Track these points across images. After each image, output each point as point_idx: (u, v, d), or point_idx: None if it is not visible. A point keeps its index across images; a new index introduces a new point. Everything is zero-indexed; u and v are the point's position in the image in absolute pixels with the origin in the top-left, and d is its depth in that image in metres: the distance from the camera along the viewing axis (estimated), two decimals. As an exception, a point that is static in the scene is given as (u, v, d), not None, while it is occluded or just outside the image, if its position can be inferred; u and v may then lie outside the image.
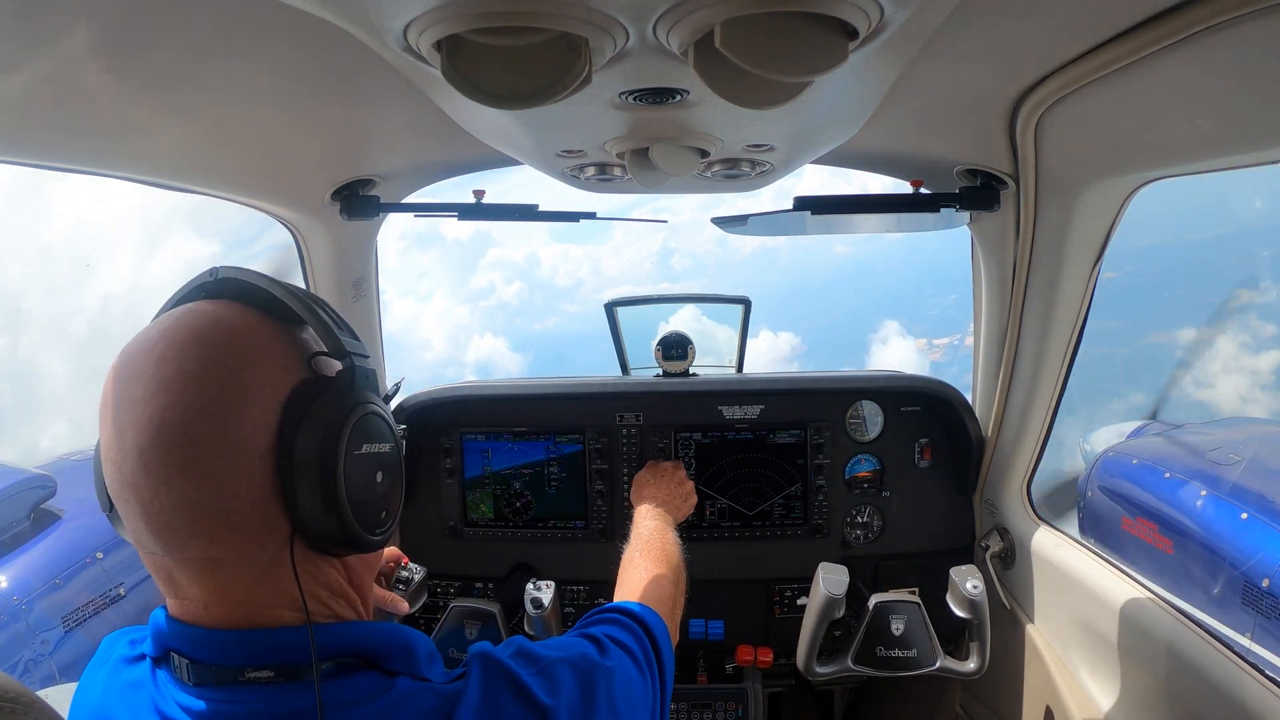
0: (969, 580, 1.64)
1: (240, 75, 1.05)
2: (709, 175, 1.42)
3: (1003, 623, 1.87)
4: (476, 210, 1.69)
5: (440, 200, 1.76)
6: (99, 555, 4.10)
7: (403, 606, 1.29)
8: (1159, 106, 1.05)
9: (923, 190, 1.60)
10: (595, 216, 1.76)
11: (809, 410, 2.09)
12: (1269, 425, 4.99)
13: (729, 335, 2.71)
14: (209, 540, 0.65)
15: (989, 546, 1.93)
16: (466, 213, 1.70)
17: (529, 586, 1.68)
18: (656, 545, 1.38)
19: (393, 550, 1.41)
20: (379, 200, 1.70)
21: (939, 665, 1.66)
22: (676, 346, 2.13)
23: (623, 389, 2.13)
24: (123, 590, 4.13)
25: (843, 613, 1.65)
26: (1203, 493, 3.46)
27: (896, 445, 2.09)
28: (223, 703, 0.67)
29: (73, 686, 0.81)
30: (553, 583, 1.70)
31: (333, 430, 0.68)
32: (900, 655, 1.66)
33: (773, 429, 2.09)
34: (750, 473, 2.09)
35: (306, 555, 0.70)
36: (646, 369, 2.52)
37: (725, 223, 2.10)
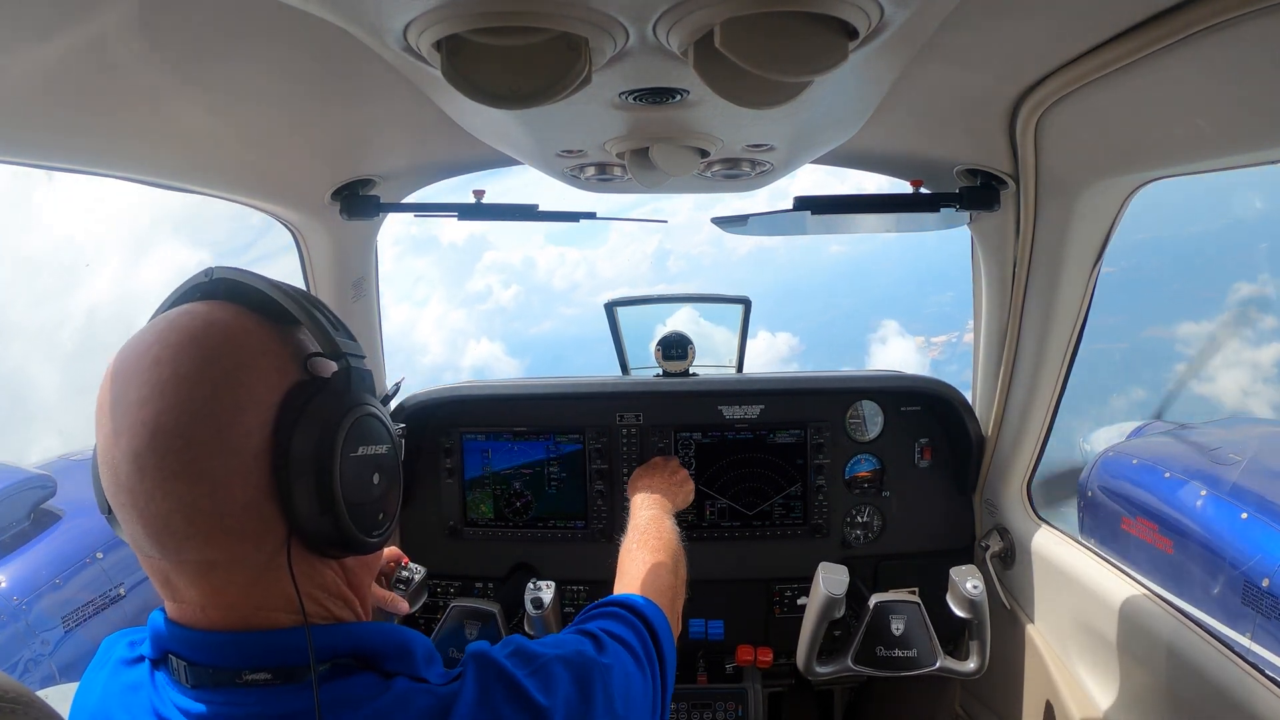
0: (969, 580, 1.64)
1: (240, 75, 1.05)
2: (709, 175, 1.42)
3: (1003, 623, 1.87)
4: (476, 210, 1.69)
5: (440, 200, 1.76)
6: (99, 555, 4.10)
7: (402, 606, 1.29)
8: (1159, 106, 1.05)
9: (923, 190, 1.60)
10: (595, 216, 1.76)
11: (809, 410, 2.09)
12: (1269, 425, 5.00)
13: (728, 336, 2.70)
14: (205, 542, 0.65)
15: (989, 546, 1.93)
16: (466, 213, 1.70)
17: (529, 586, 1.69)
18: (654, 533, 1.36)
19: (393, 550, 1.41)
20: (379, 200, 1.70)
21: (939, 665, 1.66)
22: (676, 346, 2.13)
23: (623, 389, 2.13)
24: (122, 590, 4.14)
25: (843, 613, 1.65)
26: (1203, 492, 3.46)
27: (896, 445, 2.09)
28: (220, 705, 0.67)
29: (73, 686, 0.81)
30: (553, 583, 1.70)
31: (328, 432, 0.68)
32: (900, 655, 1.66)
33: (773, 429, 2.08)
34: (750, 473, 2.09)
35: (303, 557, 0.70)
36: (646, 369, 2.52)
37: (725, 223, 2.09)
